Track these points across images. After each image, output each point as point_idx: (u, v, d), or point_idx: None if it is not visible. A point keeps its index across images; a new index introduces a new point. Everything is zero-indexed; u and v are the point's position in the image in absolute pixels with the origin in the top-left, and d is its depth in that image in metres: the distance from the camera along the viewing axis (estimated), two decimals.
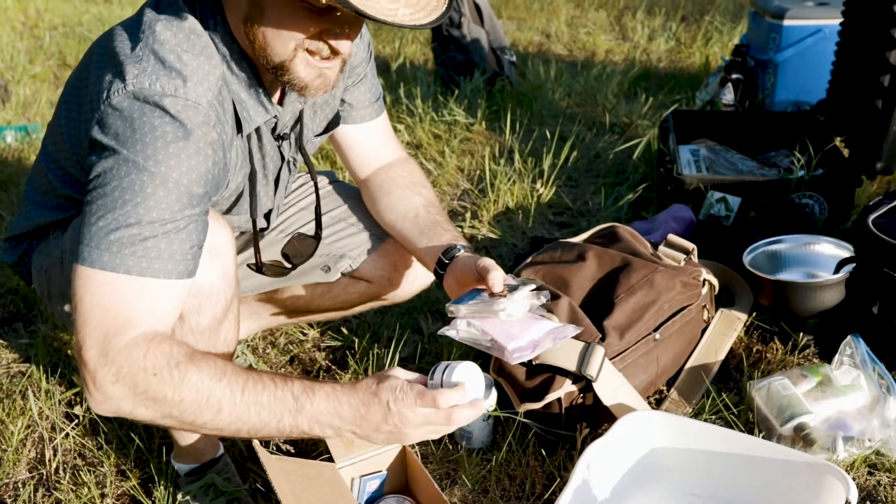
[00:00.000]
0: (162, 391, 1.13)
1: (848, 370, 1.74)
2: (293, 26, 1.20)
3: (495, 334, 1.37)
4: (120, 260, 1.13)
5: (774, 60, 3.28)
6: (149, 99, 1.16)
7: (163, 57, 1.19)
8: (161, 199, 1.15)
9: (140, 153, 1.15)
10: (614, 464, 1.58)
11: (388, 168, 1.67)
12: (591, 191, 2.82)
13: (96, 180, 1.17)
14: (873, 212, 1.89)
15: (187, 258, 1.18)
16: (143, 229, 1.14)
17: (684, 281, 1.80)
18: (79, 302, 1.14)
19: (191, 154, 1.18)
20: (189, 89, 1.19)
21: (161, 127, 1.16)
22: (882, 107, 2.25)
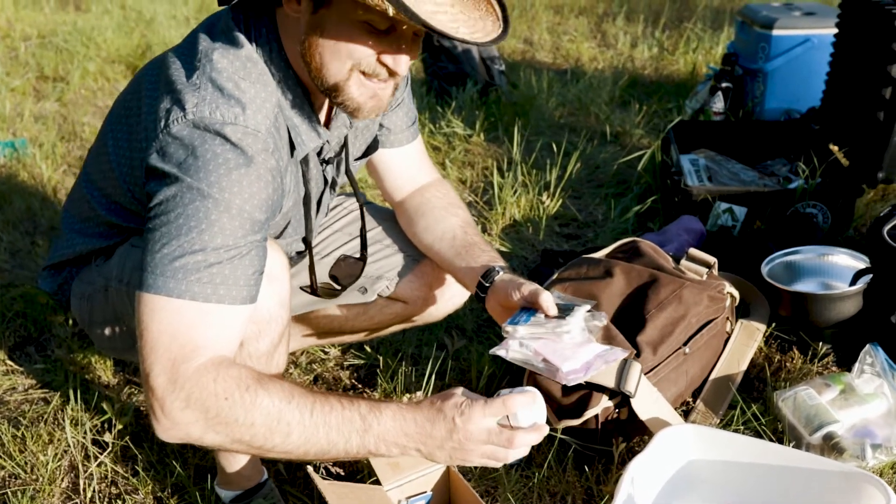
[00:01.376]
0: (234, 415, 1.13)
1: (870, 378, 1.79)
2: (352, 46, 1.21)
3: (548, 355, 1.39)
4: (186, 286, 1.14)
5: (764, 69, 3.35)
6: (210, 127, 1.17)
7: (221, 85, 1.20)
8: (225, 226, 1.16)
9: (203, 180, 1.15)
10: (653, 478, 1.61)
11: (424, 190, 1.69)
12: (595, 202, 2.86)
13: (158, 207, 1.17)
14: (887, 223, 1.95)
15: (250, 284, 1.19)
16: (207, 256, 1.14)
17: (711, 295, 1.84)
18: (145, 329, 1.15)
19: (252, 181, 1.19)
20: (248, 117, 1.20)
21: (223, 154, 1.17)
22: (884, 119, 2.31)
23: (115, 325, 1.48)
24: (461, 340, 2.11)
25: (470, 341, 2.12)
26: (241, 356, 1.31)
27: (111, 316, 1.47)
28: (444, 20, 1.14)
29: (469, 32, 1.17)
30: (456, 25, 1.16)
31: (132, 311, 1.37)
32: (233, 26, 1.25)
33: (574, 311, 1.41)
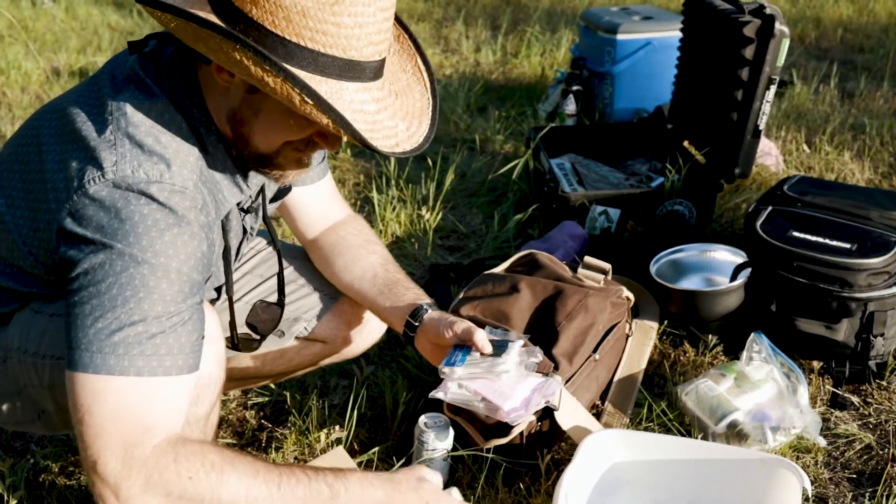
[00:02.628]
0: (199, 494, 1.08)
1: (760, 365, 1.92)
2: (287, 130, 1.17)
3: (489, 395, 1.40)
4: (129, 362, 1.06)
5: (612, 72, 3.51)
6: (133, 187, 1.09)
7: (140, 140, 1.12)
8: (165, 292, 1.09)
9: (135, 245, 1.07)
10: (583, 484, 1.65)
11: (338, 227, 1.65)
12: (472, 212, 2.90)
13: (84, 278, 1.08)
14: (757, 218, 2.10)
15: (196, 350, 1.13)
16: (149, 326, 1.07)
17: (613, 301, 1.91)
18: (86, 413, 1.06)
19: (186, 240, 1.12)
20: (174, 174, 1.13)
21: (151, 215, 1.09)
22: (737, 119, 2.48)
23: (15, 399, 1.35)
24: (369, 367, 2.08)
25: (377, 367, 2.09)
26: None
27: (12, 388, 1.34)
28: (383, 122, 1.13)
29: (406, 127, 1.17)
30: (394, 125, 1.15)
31: (38, 382, 1.27)
32: (143, 76, 1.17)
33: (509, 348, 1.43)
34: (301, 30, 1.04)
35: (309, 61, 1.06)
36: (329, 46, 1.06)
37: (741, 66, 2.42)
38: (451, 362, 1.43)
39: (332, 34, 1.05)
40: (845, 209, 2.08)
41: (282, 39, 1.05)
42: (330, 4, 1.04)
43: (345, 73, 1.08)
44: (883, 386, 1.98)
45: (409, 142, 1.16)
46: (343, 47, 1.07)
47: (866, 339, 1.94)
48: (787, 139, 3.36)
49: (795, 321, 1.97)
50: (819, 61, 4.45)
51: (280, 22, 1.04)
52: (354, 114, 1.09)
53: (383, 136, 1.12)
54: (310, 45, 1.05)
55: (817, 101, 3.82)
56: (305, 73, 1.06)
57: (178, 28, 1.08)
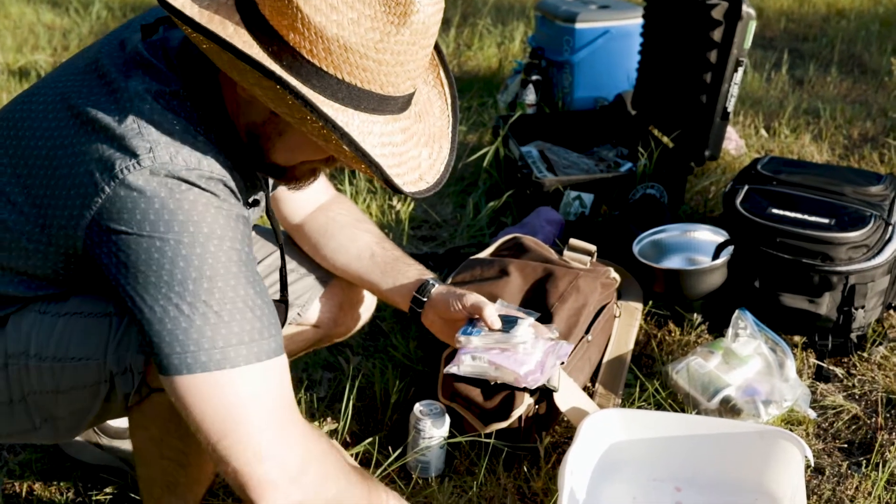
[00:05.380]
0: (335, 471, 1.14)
1: (746, 341, 1.93)
2: (310, 151, 1.14)
3: (503, 363, 1.38)
4: (247, 351, 1.03)
5: (571, 61, 3.52)
6: (173, 174, 1.02)
7: (168, 128, 1.05)
8: (240, 273, 1.05)
9: (197, 234, 1.02)
10: (584, 465, 1.64)
11: (326, 209, 1.60)
12: (442, 202, 2.87)
13: (146, 276, 1.02)
14: (736, 196, 2.11)
15: (279, 327, 1.11)
16: (243, 312, 1.04)
17: (603, 282, 1.90)
18: (212, 411, 1.03)
19: (237, 221, 1.08)
20: (211, 162, 1.07)
21: (199, 201, 1.04)
22: (706, 101, 2.51)
23: (12, 407, 1.26)
24: (356, 357, 2.04)
25: (365, 358, 2.05)
26: None
27: (9, 397, 1.24)
28: (410, 152, 1.10)
29: (428, 153, 1.14)
30: (418, 152, 1.12)
31: (53, 387, 1.19)
32: (154, 61, 1.10)
33: (518, 323, 1.41)
34: (341, 63, 1.00)
35: (344, 94, 1.02)
36: (367, 82, 1.02)
37: (709, 49, 2.45)
38: (468, 332, 1.41)
39: (371, 70, 1.01)
40: (820, 186, 2.12)
41: (318, 69, 1.00)
42: (374, 42, 0.99)
43: (378, 107, 1.05)
44: (865, 357, 2.02)
45: (431, 171, 1.13)
46: (381, 84, 1.03)
47: (848, 311, 1.97)
48: (746, 124, 3.42)
49: (779, 296, 1.99)
50: (766, 50, 4.54)
51: (319, 52, 0.99)
52: (383, 147, 1.05)
53: (409, 169, 1.09)
54: (347, 78, 1.01)
55: (770, 87, 3.89)
56: (339, 105, 1.02)
57: (212, 51, 1.02)
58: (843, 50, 4.51)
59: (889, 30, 4.82)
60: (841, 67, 4.22)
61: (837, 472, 1.71)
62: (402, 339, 2.04)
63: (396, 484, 1.66)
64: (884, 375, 1.96)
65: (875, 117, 3.53)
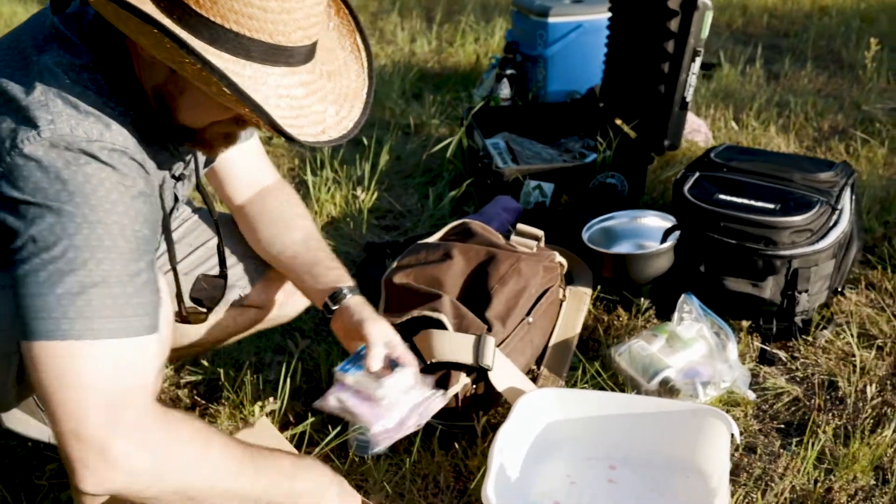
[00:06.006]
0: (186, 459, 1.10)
1: (690, 324, 1.95)
2: (213, 110, 1.14)
3: (363, 413, 1.41)
4: (99, 324, 1.03)
5: (544, 55, 3.55)
6: (72, 146, 1.04)
7: (73, 101, 1.07)
8: (123, 250, 1.06)
9: (84, 206, 1.03)
10: (519, 443, 1.66)
11: (265, 196, 1.62)
12: (407, 192, 2.90)
13: (33, 245, 1.03)
14: (685, 183, 2.14)
15: (157, 309, 1.11)
16: (112, 287, 1.04)
17: (545, 265, 1.92)
18: (59, 382, 1.02)
19: (134, 198, 1.09)
20: (114, 133, 1.08)
21: (96, 175, 1.05)
22: (665, 91, 2.53)
23: None
24: (304, 341, 2.06)
25: (312, 341, 2.07)
26: None
27: None
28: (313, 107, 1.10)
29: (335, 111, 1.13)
30: (323, 108, 1.11)
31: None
32: (68, 34, 1.12)
33: (396, 373, 1.43)
34: (226, 12, 1.01)
35: (234, 44, 1.03)
36: (255, 31, 1.03)
37: (666, 39, 2.47)
38: (346, 368, 1.43)
39: (258, 18, 1.02)
40: (769, 173, 2.14)
41: (207, 21, 1.01)
42: None
43: (270, 57, 1.05)
44: (809, 341, 2.03)
45: (337, 127, 1.12)
46: (270, 32, 1.03)
47: (791, 295, 1.99)
48: (716, 117, 3.44)
49: (723, 280, 2.01)
50: (746, 46, 4.56)
51: (205, 2, 1.00)
52: (279, 99, 1.06)
53: (310, 122, 1.09)
54: (235, 27, 1.02)
55: (745, 81, 3.91)
56: (230, 56, 1.03)
57: (98, 3, 1.04)
58: (823, 45, 4.53)
59: (869, 25, 4.83)
60: (818, 62, 4.24)
61: (769, 450, 1.73)
62: None
63: (333, 462, 1.69)
64: (827, 359, 1.98)
65: (847, 110, 3.55)
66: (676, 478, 1.64)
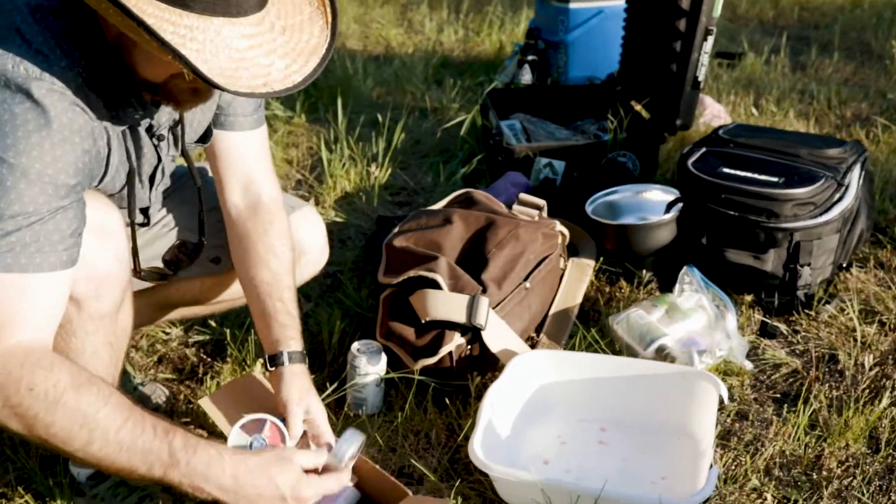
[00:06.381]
0: (34, 408, 1.08)
1: (690, 295, 1.96)
2: (162, 64, 1.14)
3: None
4: None
5: (565, 41, 3.56)
6: (10, 82, 1.09)
7: (29, 38, 1.11)
8: (23, 192, 1.09)
9: (8, 144, 1.08)
10: (510, 403, 1.69)
11: (251, 215, 1.56)
12: (422, 171, 2.93)
13: None
14: (690, 157, 2.14)
15: (58, 249, 1.13)
16: (5, 224, 1.08)
17: (545, 232, 1.94)
18: None
19: (55, 143, 1.12)
20: (56, 73, 1.12)
21: (22, 115, 1.09)
22: (676, 70, 2.53)
23: None
24: (308, 304, 2.11)
25: (317, 305, 2.12)
26: (80, 318, 1.25)
27: None
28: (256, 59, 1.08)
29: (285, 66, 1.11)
30: (269, 62, 1.10)
31: None
32: None
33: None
34: None
35: None
36: None
37: (678, 18, 2.47)
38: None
39: None
40: (776, 148, 2.13)
41: None
42: None
43: (209, 8, 1.04)
44: (812, 316, 2.03)
45: (283, 81, 1.11)
46: None
47: (793, 269, 1.99)
48: (737, 103, 3.42)
49: (725, 252, 2.02)
50: (773, 37, 4.52)
51: None
52: (217, 50, 1.05)
53: (251, 75, 1.08)
54: None
55: (769, 70, 3.88)
56: (167, 5, 1.03)
57: None
58: (853, 37, 4.47)
59: None
60: (846, 53, 4.19)
61: (762, 417, 1.73)
62: (353, 291, 2.11)
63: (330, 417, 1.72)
64: (829, 333, 1.97)
65: (872, 98, 3.51)
66: (666, 439, 1.65)
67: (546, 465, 1.61)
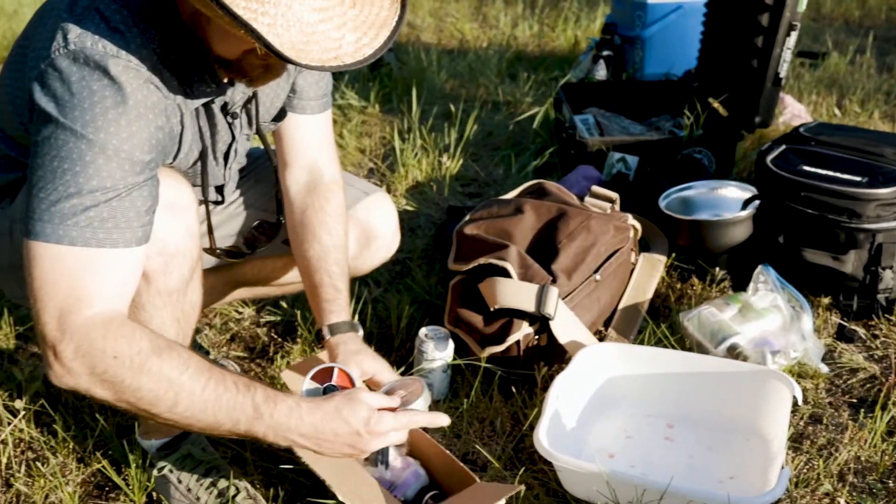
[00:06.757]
0: (120, 375, 1.12)
1: (764, 294, 1.91)
2: (235, 40, 1.17)
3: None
4: (63, 231, 1.11)
5: (642, 36, 3.51)
6: (89, 60, 1.12)
7: (108, 16, 1.15)
8: (101, 168, 1.12)
9: (78, 120, 1.11)
10: (577, 395, 1.68)
11: (310, 192, 1.59)
12: (493, 162, 2.93)
13: (36, 149, 1.13)
14: (769, 154, 2.09)
15: (133, 226, 1.16)
16: (83, 199, 1.11)
17: (616, 225, 1.93)
18: (29, 277, 1.12)
19: (131, 119, 1.15)
20: (133, 51, 1.15)
21: (100, 91, 1.12)
22: (757, 66, 2.48)
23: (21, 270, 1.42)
24: (378, 289, 2.13)
25: (386, 291, 2.14)
26: (149, 294, 1.28)
27: (18, 260, 1.40)
28: (328, 33, 1.09)
29: (355, 39, 1.11)
30: (340, 35, 1.10)
31: None
32: None
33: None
34: None
35: None
36: None
37: (761, 12, 2.42)
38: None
39: None
40: (859, 147, 2.07)
41: None
42: None
43: None
44: (892, 321, 1.96)
45: (354, 55, 1.11)
46: None
47: (874, 271, 1.93)
48: (818, 103, 3.33)
49: (802, 252, 1.97)
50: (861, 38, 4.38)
51: None
52: (288, 24, 1.05)
53: (321, 49, 1.08)
54: None
55: (853, 70, 3.77)
56: None
57: None
58: None
59: None
60: None
61: (837, 422, 1.69)
62: (423, 278, 2.12)
63: None
64: None
65: None
66: (735, 439, 1.62)
67: (611, 458, 1.60)
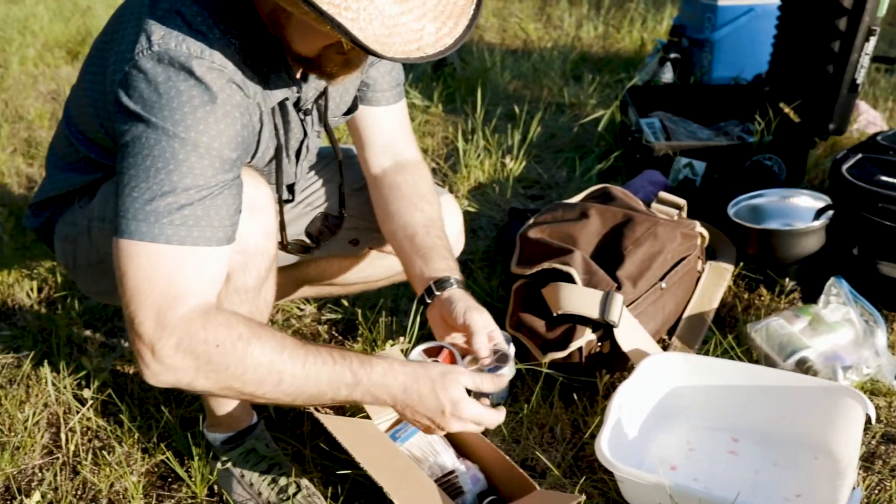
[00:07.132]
0: (224, 363, 1.13)
1: (836, 308, 1.86)
2: (319, 34, 1.17)
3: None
4: (159, 230, 1.12)
5: (711, 39, 3.45)
6: (174, 61, 1.14)
7: (189, 18, 1.17)
8: (194, 166, 1.14)
9: (168, 119, 1.13)
10: (639, 404, 1.65)
11: (400, 169, 1.61)
12: (556, 165, 2.91)
13: (125, 149, 1.15)
14: (844, 163, 2.03)
15: (225, 224, 1.18)
16: (178, 197, 1.13)
17: (684, 232, 1.89)
18: (124, 276, 1.13)
19: (219, 118, 1.16)
20: (216, 51, 1.17)
21: (187, 91, 1.14)
22: (833, 71, 2.41)
23: (99, 267, 1.45)
24: None
25: None
26: (227, 291, 1.29)
27: (95, 258, 1.44)
28: (408, 24, 1.09)
29: (435, 30, 1.11)
30: (420, 26, 1.10)
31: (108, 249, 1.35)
32: None
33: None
34: None
35: None
36: None
37: (839, 16, 2.35)
38: (396, 436, 1.52)
39: None
40: None
41: None
42: None
43: None
44: None
45: (435, 45, 1.11)
46: None
47: None
48: (895, 110, 3.23)
49: (878, 265, 1.90)
50: None
51: None
52: (371, 17, 1.06)
53: (404, 41, 1.08)
54: None
55: None
56: None
57: None
58: None
59: None
60: None
61: None
62: (484, 280, 2.11)
63: None
64: None
65: None
66: (803, 456, 1.58)
67: (673, 470, 1.57)
